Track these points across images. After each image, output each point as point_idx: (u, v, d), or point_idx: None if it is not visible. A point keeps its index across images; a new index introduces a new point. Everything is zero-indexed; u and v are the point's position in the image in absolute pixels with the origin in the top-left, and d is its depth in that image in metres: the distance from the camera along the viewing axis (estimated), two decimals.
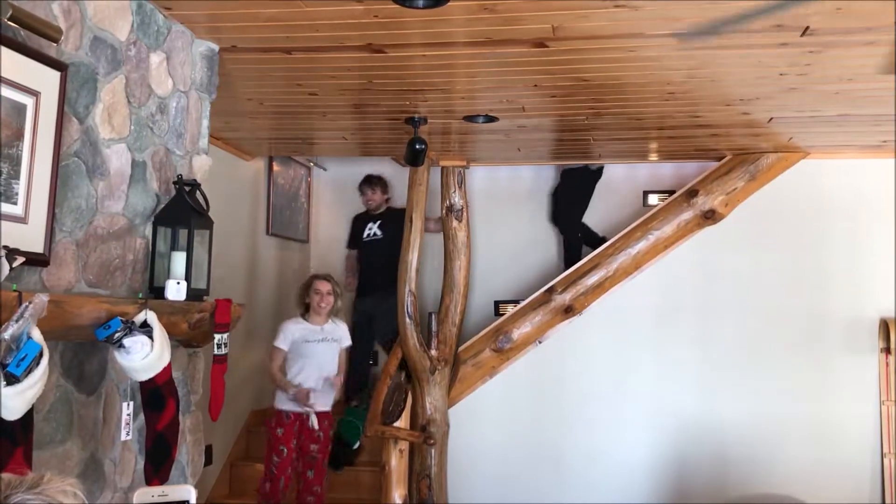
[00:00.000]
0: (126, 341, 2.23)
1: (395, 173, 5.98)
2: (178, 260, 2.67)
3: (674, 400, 5.04)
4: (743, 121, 4.17)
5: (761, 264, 5.03)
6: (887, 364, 4.79)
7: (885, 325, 4.77)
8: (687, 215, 4.99)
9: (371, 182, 5.84)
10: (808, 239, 5.00)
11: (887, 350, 4.76)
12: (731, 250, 5.05)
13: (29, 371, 1.75)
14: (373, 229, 5.79)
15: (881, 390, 4.81)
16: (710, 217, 4.96)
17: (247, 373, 5.42)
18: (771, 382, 4.97)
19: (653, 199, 5.72)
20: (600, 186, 5.84)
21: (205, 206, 2.83)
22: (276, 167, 5.76)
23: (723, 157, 5.04)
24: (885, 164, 4.89)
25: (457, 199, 5.31)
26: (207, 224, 2.83)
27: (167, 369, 2.35)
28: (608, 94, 3.72)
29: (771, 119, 4.13)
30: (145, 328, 2.29)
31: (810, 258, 4.99)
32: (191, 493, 1.24)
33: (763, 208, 5.00)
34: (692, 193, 4.98)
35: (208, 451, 4.88)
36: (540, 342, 5.15)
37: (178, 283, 2.62)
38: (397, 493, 4.51)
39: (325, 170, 6.29)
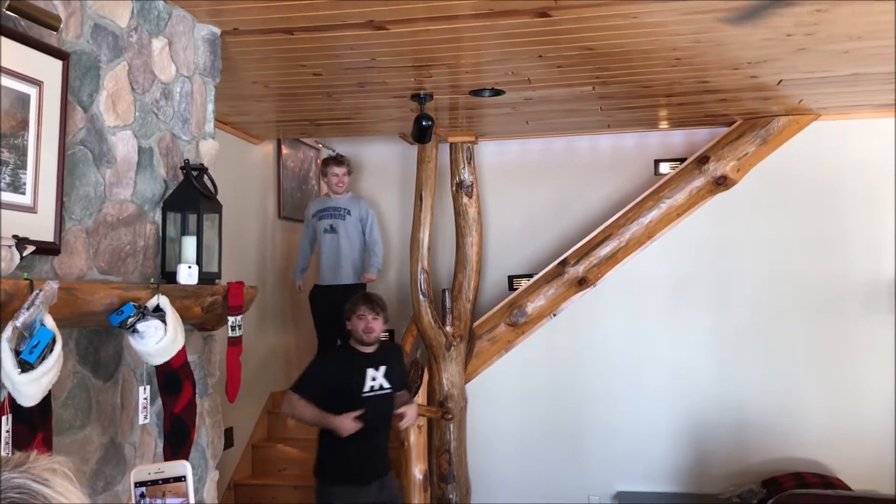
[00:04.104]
0: (140, 326, 2.24)
1: (402, 151, 5.96)
2: (189, 244, 2.69)
3: (691, 368, 5.04)
4: (751, 84, 4.12)
5: (775, 229, 4.99)
6: None
7: None
8: (699, 182, 4.96)
9: (382, 305, 3.96)
10: (822, 201, 4.96)
11: None
12: (744, 216, 5.02)
13: (43, 358, 1.77)
14: (377, 379, 3.88)
15: None
16: (722, 183, 4.92)
17: (265, 355, 5.45)
18: (788, 347, 4.96)
19: (664, 168, 5.66)
20: (611, 157, 5.80)
21: (213, 190, 2.84)
22: (285, 150, 5.76)
23: (733, 122, 4.99)
24: None
25: (466, 175, 5.31)
26: (216, 208, 2.83)
27: (182, 353, 2.37)
28: (614, 63, 3.69)
29: (780, 81, 4.08)
30: (158, 312, 2.31)
31: (825, 221, 4.96)
32: (186, 467, 1.24)
33: (776, 172, 4.96)
34: (703, 160, 4.94)
35: (230, 433, 4.96)
36: (554, 315, 5.16)
37: (190, 267, 2.63)
38: (417, 469, 4.54)
39: (333, 151, 6.28)
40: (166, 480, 1.22)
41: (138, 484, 1.24)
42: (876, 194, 4.88)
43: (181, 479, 1.22)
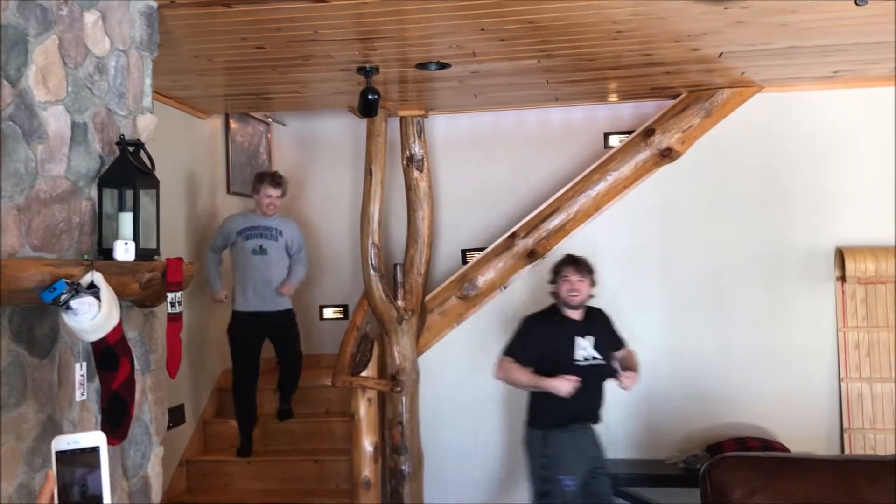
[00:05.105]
0: (73, 303, 2.23)
1: (354, 125, 5.93)
2: (125, 221, 2.67)
3: (638, 338, 5.10)
4: (694, 57, 4.17)
5: (721, 199, 5.08)
6: (843, 292, 4.90)
7: (840, 254, 4.86)
8: (644, 155, 5.02)
9: (588, 267, 4.06)
10: (766, 172, 5.05)
11: (842, 278, 4.86)
12: (690, 187, 5.10)
13: None
14: (587, 349, 3.96)
15: (838, 317, 4.92)
16: (668, 155, 4.99)
17: (216, 332, 5.43)
18: (734, 314, 5.06)
19: (613, 141, 5.72)
20: (561, 131, 5.83)
21: (150, 166, 2.81)
22: (233, 124, 5.71)
23: (679, 94, 5.05)
24: (837, 94, 4.94)
25: (417, 149, 5.31)
26: (153, 183, 2.81)
27: (117, 329, 2.36)
28: (556, 36, 3.71)
29: (721, 54, 4.14)
30: (92, 289, 2.30)
31: (768, 191, 5.05)
32: (101, 438, 1.26)
33: (721, 144, 5.04)
34: (649, 133, 5.00)
35: (180, 409, 4.95)
36: (505, 287, 5.21)
37: (126, 243, 2.61)
38: (367, 441, 4.58)
39: (284, 125, 6.24)
40: (82, 451, 1.23)
41: (58, 453, 1.25)
42: (816, 165, 4.99)
43: (96, 449, 1.23)
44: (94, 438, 1.28)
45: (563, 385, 3.76)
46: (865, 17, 3.50)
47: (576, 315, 3.96)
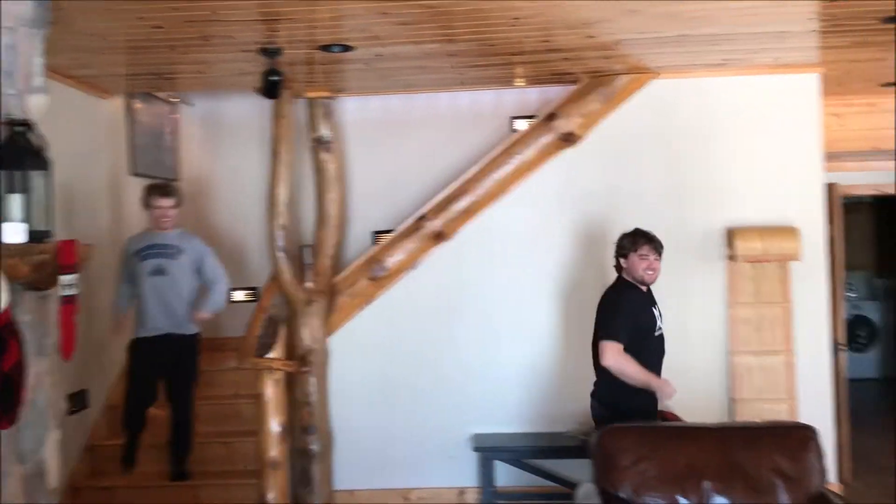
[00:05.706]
0: None
1: (265, 107, 5.88)
2: (14, 202, 2.63)
3: (540, 314, 5.29)
4: (591, 44, 4.31)
5: (620, 182, 5.26)
6: (733, 270, 5.16)
7: (730, 234, 5.11)
8: (547, 139, 5.16)
9: (662, 246, 4.17)
10: (663, 156, 5.26)
11: (732, 257, 5.11)
12: (591, 170, 5.26)
13: None
14: (659, 320, 4.12)
15: (728, 294, 5.19)
16: (569, 139, 5.14)
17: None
18: None
19: (520, 125, 5.84)
20: (470, 114, 5.92)
21: (41, 146, 2.77)
22: (137, 104, 5.59)
23: (580, 80, 5.20)
24: (728, 81, 5.17)
25: (325, 131, 5.32)
26: (45, 164, 2.77)
27: (6, 312, 2.34)
28: (456, 21, 3.79)
29: (619, 41, 4.29)
30: None
31: (665, 174, 5.26)
32: None
33: (620, 128, 5.22)
34: (551, 117, 5.15)
35: (84, 394, 4.88)
36: (414, 268, 5.29)
37: (16, 225, 2.58)
38: (275, 421, 4.58)
39: (191, 105, 6.14)
40: None
41: None
42: (710, 149, 5.22)
43: None
44: None
45: (670, 390, 3.90)
46: (748, 7, 3.71)
47: (645, 289, 4.06)
